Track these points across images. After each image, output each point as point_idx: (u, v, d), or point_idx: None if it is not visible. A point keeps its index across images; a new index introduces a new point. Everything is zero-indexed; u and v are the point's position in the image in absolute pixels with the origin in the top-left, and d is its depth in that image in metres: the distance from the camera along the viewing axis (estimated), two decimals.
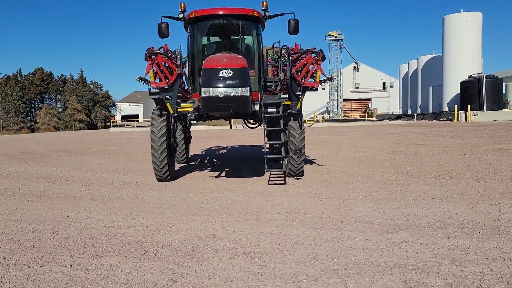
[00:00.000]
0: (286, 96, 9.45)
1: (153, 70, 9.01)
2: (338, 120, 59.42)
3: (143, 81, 9.82)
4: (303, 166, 9.85)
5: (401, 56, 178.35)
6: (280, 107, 9.12)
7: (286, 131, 9.91)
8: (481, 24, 52.36)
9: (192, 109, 8.75)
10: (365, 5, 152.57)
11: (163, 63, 8.94)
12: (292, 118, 9.56)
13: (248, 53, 9.65)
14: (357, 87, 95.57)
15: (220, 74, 8.00)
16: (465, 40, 50.28)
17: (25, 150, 21.46)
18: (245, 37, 9.63)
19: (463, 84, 48.18)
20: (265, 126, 9.12)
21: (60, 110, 75.44)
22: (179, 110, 8.86)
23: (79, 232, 5.55)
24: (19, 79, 76.48)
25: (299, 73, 9.51)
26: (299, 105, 9.33)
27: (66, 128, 66.66)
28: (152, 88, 9.14)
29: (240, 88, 8.01)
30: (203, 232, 5.45)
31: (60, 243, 5.04)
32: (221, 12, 8.98)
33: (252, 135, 26.42)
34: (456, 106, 46.61)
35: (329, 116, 79.70)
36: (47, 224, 5.97)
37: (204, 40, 9.78)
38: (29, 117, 75.02)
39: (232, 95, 8.02)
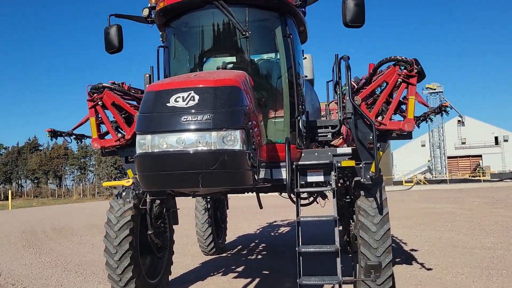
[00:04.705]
0: (348, 150, 4.85)
1: (97, 117, 5.14)
2: (444, 181, 50.99)
3: (68, 136, 5.76)
4: None
5: None
6: (333, 173, 4.49)
7: (354, 218, 5.21)
8: None
9: (130, 183, 4.55)
10: (465, 55, 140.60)
11: (114, 104, 5.05)
12: (362, 193, 4.85)
13: (269, 74, 5.31)
14: (463, 143, 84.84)
15: (171, 103, 3.70)
16: None
17: (41, 228, 18.76)
18: (260, 41, 5.22)
19: None
20: (299, 208, 4.57)
21: None
22: (104, 184, 4.73)
23: None
24: None
25: (371, 107, 4.91)
26: (373, 168, 4.58)
27: None
28: (95, 148, 5.23)
29: (214, 133, 3.64)
30: None
31: None
32: None
33: None
34: None
35: (432, 176, 70.40)
36: None
37: (189, 52, 5.47)
38: None
39: (193, 150, 3.69)
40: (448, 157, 79.11)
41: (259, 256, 9.02)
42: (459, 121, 78.16)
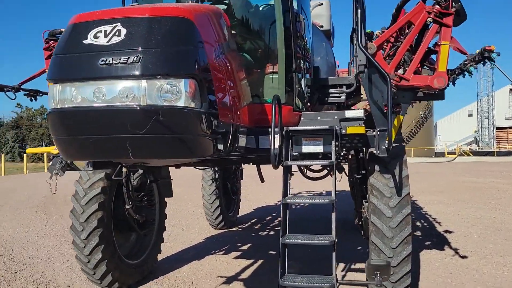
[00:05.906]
0: (360, 114, 3.79)
1: None
2: (491, 153, 48.00)
3: (14, 92, 4.68)
4: None
5: None
6: (333, 143, 3.47)
7: (366, 198, 4.21)
8: None
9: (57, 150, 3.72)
10: None
11: None
12: (377, 168, 3.82)
13: (260, 18, 4.23)
14: None
15: (89, 40, 2.69)
16: None
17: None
18: None
19: None
20: (289, 185, 3.63)
21: None
22: (28, 151, 3.24)
23: None
24: None
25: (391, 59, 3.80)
26: (389, 137, 3.49)
27: None
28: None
29: (144, 82, 2.64)
30: None
31: None
32: None
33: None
34: None
35: (478, 148, 66.72)
36: None
37: None
38: None
39: (116, 106, 2.70)
40: (497, 128, 74.76)
41: (271, 233, 8.18)
42: (511, 89, 73.26)
